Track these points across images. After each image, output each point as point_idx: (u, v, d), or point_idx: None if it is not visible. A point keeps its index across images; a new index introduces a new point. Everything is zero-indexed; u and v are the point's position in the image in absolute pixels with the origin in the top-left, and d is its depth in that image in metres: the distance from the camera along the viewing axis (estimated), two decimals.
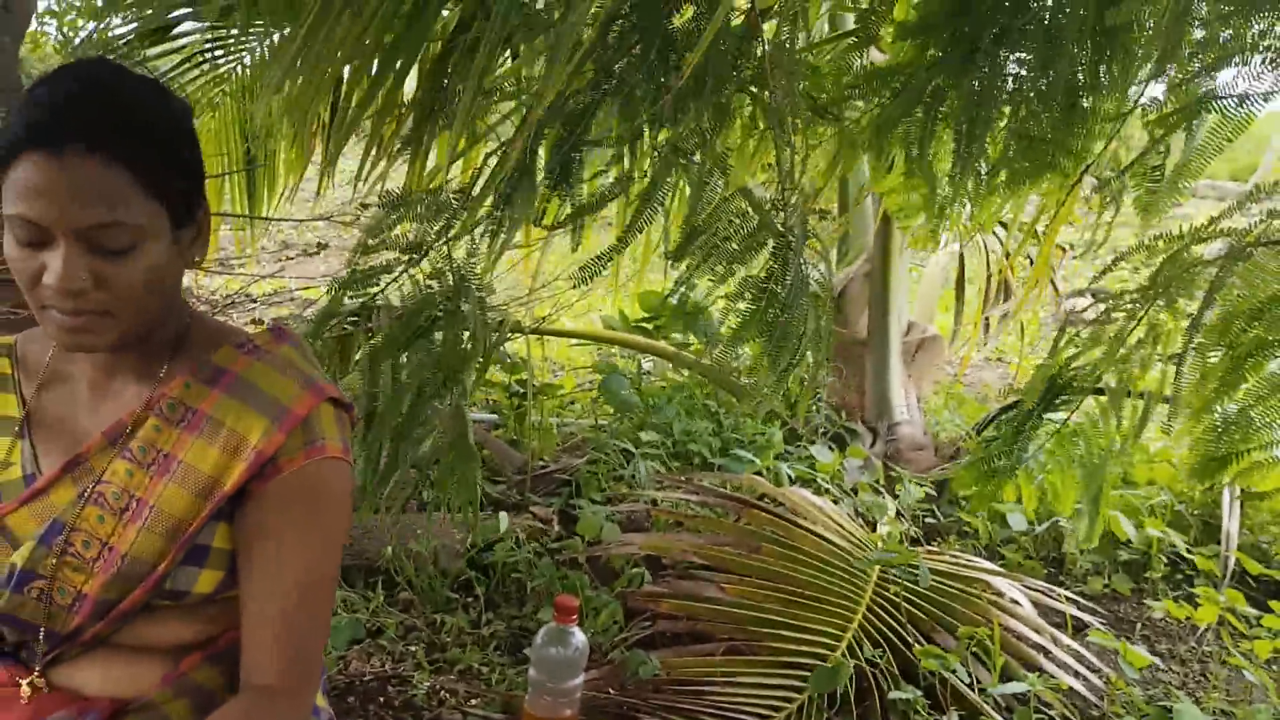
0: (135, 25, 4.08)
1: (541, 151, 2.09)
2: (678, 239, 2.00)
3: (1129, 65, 1.52)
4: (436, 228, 2.18)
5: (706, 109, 1.92)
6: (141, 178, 1.12)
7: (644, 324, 3.92)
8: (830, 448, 3.41)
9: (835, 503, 2.93)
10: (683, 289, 2.06)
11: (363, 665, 2.29)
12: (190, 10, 4.07)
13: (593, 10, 1.76)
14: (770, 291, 1.86)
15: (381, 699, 2.17)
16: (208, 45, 4.22)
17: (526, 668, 2.28)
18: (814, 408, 3.59)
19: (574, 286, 1.90)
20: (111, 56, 4.04)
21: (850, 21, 2.45)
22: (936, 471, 3.43)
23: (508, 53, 2.53)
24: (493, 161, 2.11)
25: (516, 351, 3.92)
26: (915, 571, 2.43)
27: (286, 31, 3.67)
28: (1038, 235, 4.69)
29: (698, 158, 2.00)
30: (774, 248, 1.95)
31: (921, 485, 3.29)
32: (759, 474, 3.15)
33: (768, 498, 2.75)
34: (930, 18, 1.53)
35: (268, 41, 4.19)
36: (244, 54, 4.18)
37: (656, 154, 2.03)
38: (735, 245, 1.99)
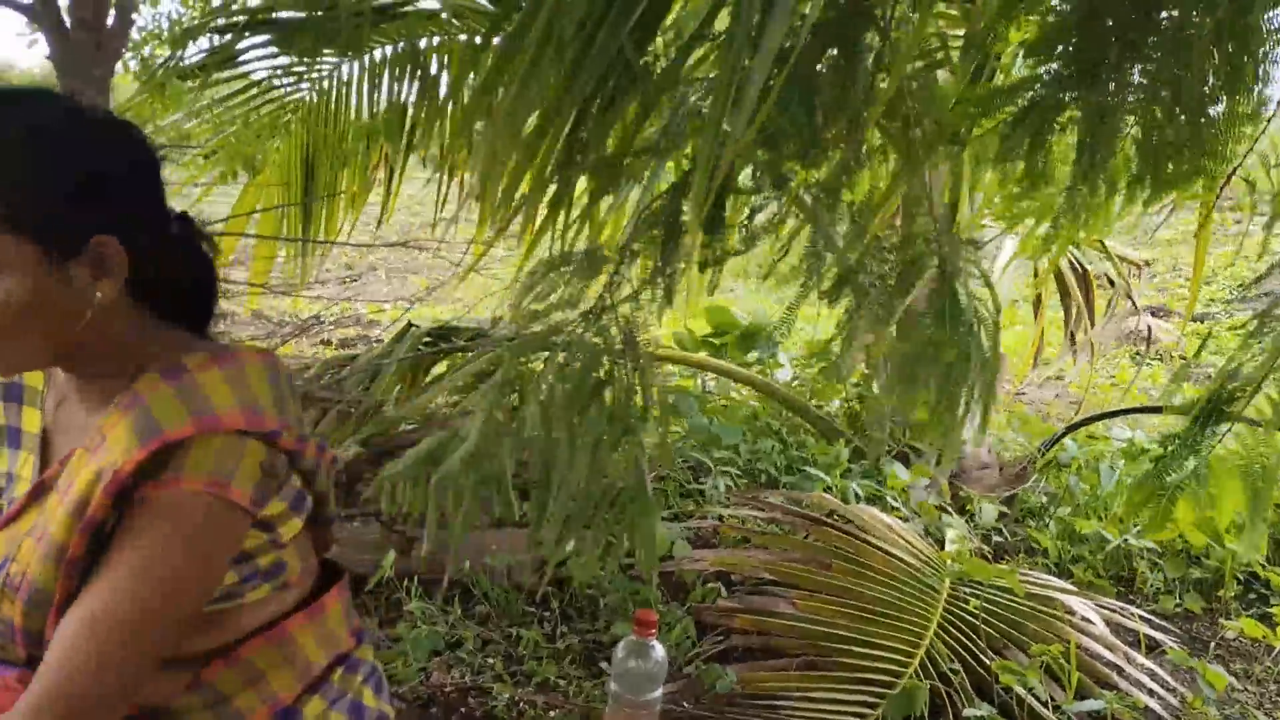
0: (205, 54, 4.23)
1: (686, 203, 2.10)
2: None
3: (1265, 68, 1.50)
4: (600, 284, 2.19)
5: (850, 148, 1.93)
6: None
7: (711, 339, 3.97)
8: (895, 467, 3.42)
9: (904, 521, 2.95)
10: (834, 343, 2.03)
11: (443, 677, 2.35)
12: (259, 40, 4.21)
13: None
14: (935, 322, 1.85)
15: (463, 709, 2.23)
16: (274, 73, 4.35)
17: (603, 681, 2.34)
18: (880, 426, 3.61)
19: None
20: (186, 84, 4.19)
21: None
22: (1005, 490, 3.43)
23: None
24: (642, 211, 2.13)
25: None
26: (989, 588, 2.44)
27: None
28: (1105, 250, 4.67)
29: (845, 196, 2.00)
30: (936, 277, 1.94)
31: (992, 503, 3.30)
32: (827, 491, 3.18)
33: (836, 514, 2.78)
34: (1053, 37, 1.54)
35: (337, 72, 4.32)
36: (311, 83, 4.31)
37: (804, 196, 2.03)
38: (892, 282, 1.99)
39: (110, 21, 3.05)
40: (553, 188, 2.26)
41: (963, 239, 2.04)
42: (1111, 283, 4.84)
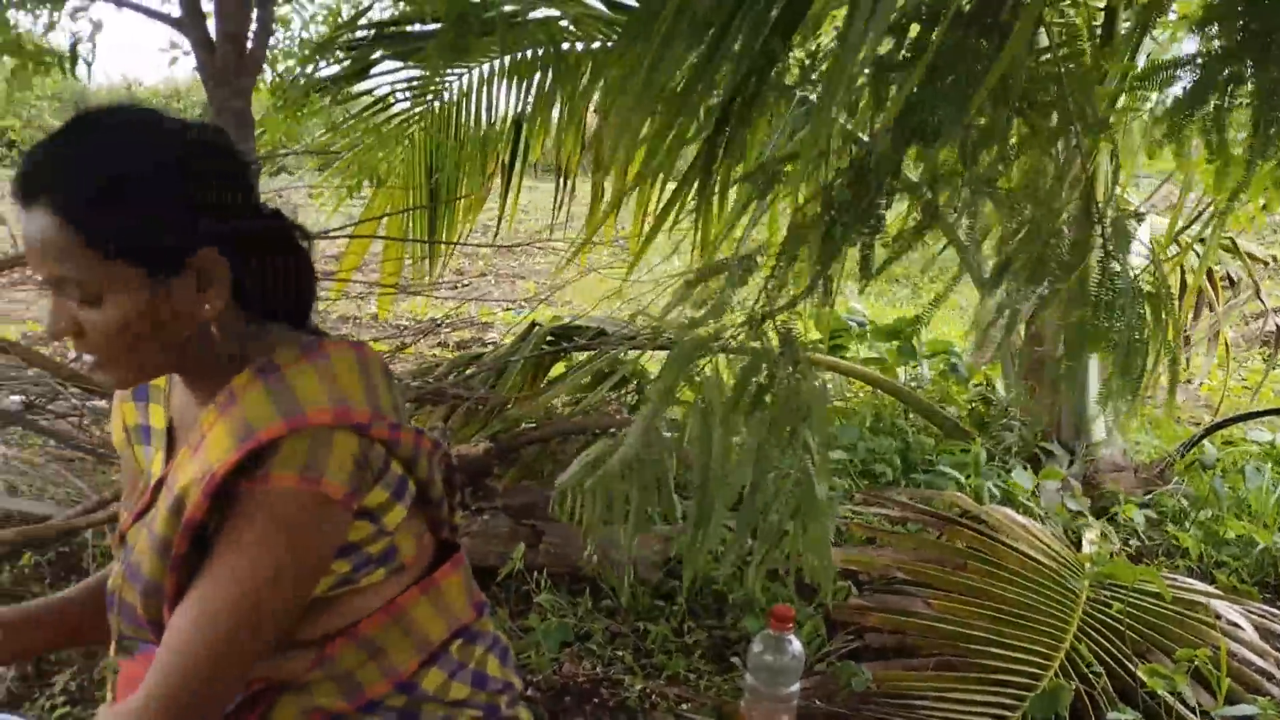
0: (339, 68, 4.37)
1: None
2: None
3: None
4: (753, 291, 2.20)
5: (1005, 135, 1.90)
6: (87, 236, 1.12)
7: (819, 345, 3.95)
8: (1025, 468, 3.35)
9: (1039, 522, 2.89)
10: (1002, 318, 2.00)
11: (574, 668, 2.38)
12: (387, 53, 4.33)
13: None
14: (1101, 301, 1.81)
15: (595, 700, 2.25)
16: (400, 85, 4.48)
17: (733, 676, 2.34)
18: (1008, 428, 3.54)
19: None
20: (320, 96, 4.33)
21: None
22: (1141, 493, 3.32)
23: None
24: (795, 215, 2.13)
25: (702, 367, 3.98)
26: (1131, 591, 2.37)
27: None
28: (1235, 247, 4.50)
29: (1001, 185, 1.98)
30: (1100, 258, 1.90)
31: (1134, 505, 3.21)
32: (958, 490, 3.13)
33: (969, 515, 2.73)
34: (1218, 13, 1.50)
35: (460, 82, 4.41)
36: (433, 93, 4.42)
37: (961, 187, 2.00)
38: (1055, 265, 1.96)
39: (251, 35, 3.18)
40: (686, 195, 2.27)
41: (1122, 217, 1.98)
42: (1233, 282, 4.66)
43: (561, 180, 4.50)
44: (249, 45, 3.13)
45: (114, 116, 1.17)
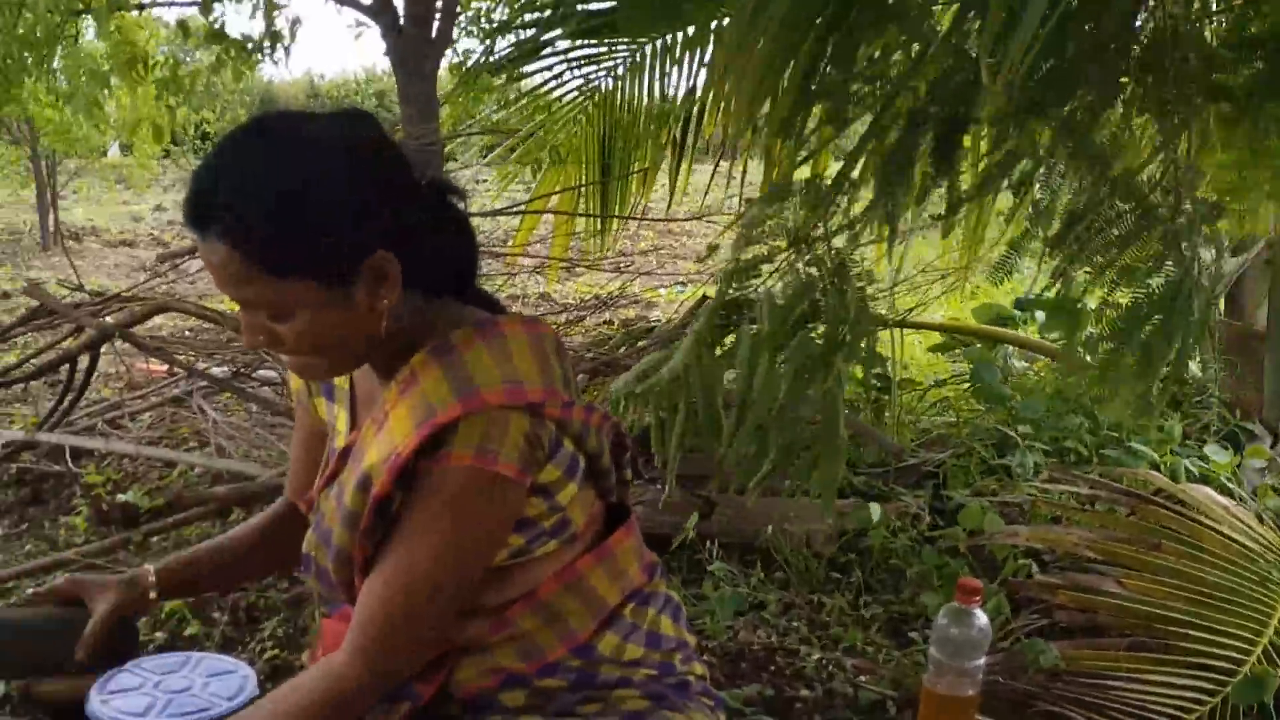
0: (514, 47, 4.46)
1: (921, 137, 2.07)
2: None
3: None
4: (816, 217, 2.20)
5: (1094, 88, 1.84)
6: (262, 262, 1.16)
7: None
8: (1224, 447, 3.17)
9: (1239, 502, 2.73)
10: (1055, 284, 1.97)
11: (749, 636, 2.39)
12: (564, 30, 4.39)
13: None
14: (1153, 283, 1.75)
15: (772, 668, 2.26)
16: (577, 60, 4.53)
17: (912, 650, 2.31)
18: (1205, 405, 3.36)
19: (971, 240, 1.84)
20: (496, 76, 4.44)
21: None
22: None
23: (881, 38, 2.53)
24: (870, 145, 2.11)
25: (876, 345, 3.92)
26: None
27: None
28: None
29: (1085, 139, 1.92)
30: (1162, 236, 1.84)
31: None
32: (1153, 469, 2.99)
33: (1164, 493, 2.61)
34: None
35: (634, 56, 4.44)
36: (613, 66, 4.46)
37: (1043, 133, 1.95)
38: (1117, 232, 1.89)
39: (437, 18, 3.29)
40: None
41: (1203, 199, 1.88)
42: None
43: (727, 157, 4.48)
44: (435, 27, 3.24)
45: (275, 131, 1.20)
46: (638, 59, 4.32)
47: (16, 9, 4.73)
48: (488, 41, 4.41)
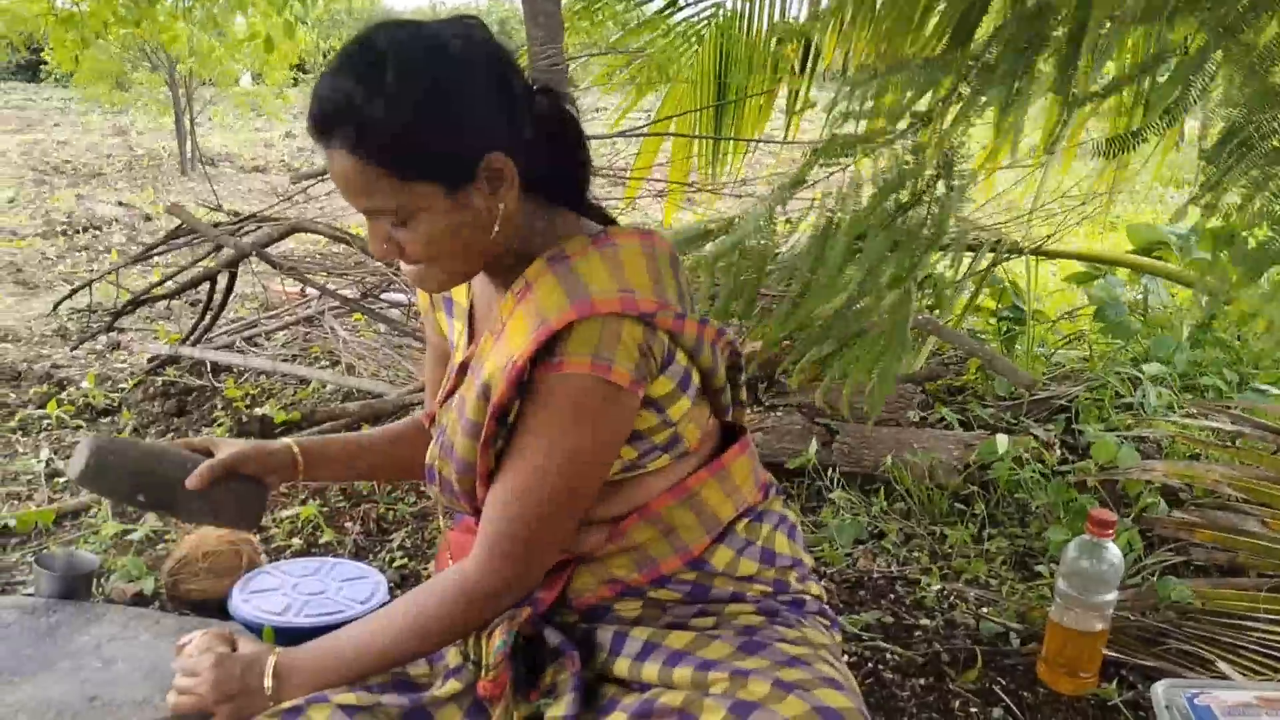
0: None
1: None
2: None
3: None
4: (927, 99, 2.05)
5: None
6: (386, 169, 1.17)
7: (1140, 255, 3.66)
8: None
9: None
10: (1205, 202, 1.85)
11: (869, 564, 2.38)
12: None
13: None
14: None
15: (892, 596, 2.24)
16: None
17: (1037, 584, 2.26)
18: None
19: (1109, 154, 1.73)
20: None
21: None
22: None
23: None
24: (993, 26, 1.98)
25: (1008, 275, 3.80)
26: None
27: None
28: None
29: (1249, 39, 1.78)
30: None
31: None
32: None
33: None
34: None
35: None
36: None
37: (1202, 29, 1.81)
38: (1277, 144, 1.76)
39: None
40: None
41: None
42: None
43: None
44: None
45: (393, 38, 1.20)
46: None
47: None
48: None
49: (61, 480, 2.66)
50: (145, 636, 1.69)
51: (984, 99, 1.89)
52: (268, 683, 1.38)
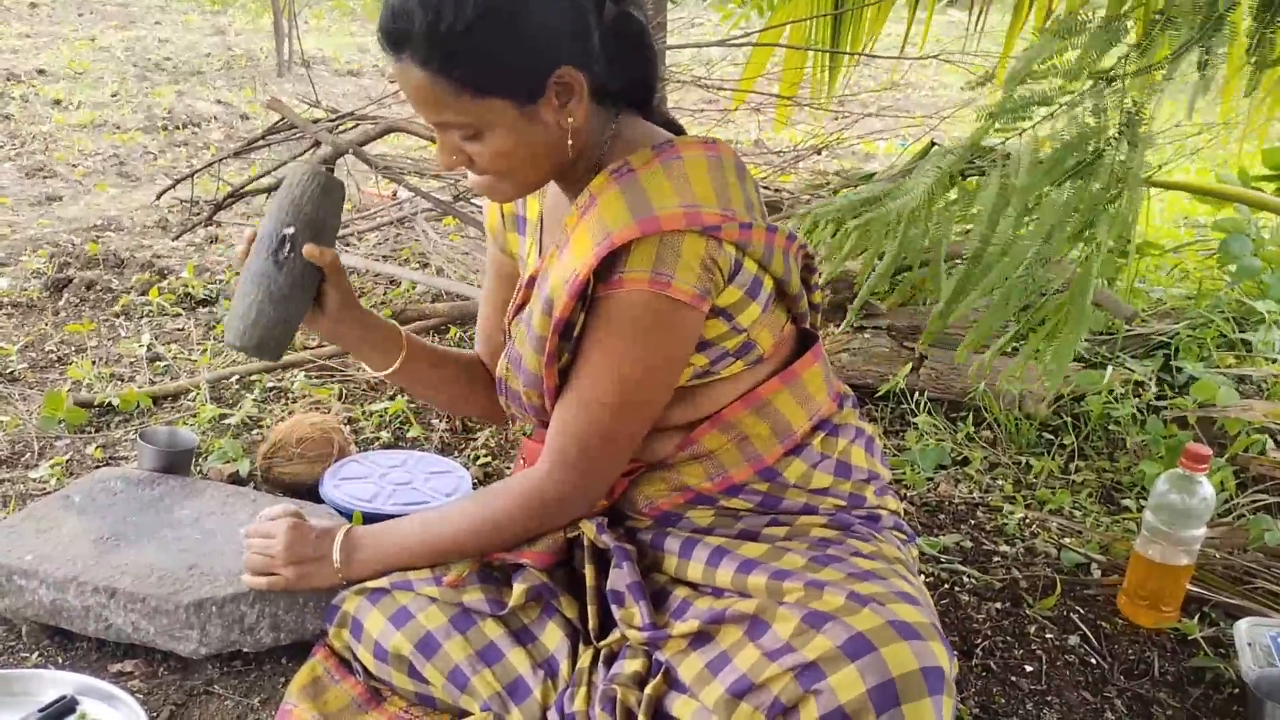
0: None
1: None
2: None
3: None
4: (1110, 57, 1.98)
5: None
6: (457, 84, 1.18)
7: (1267, 182, 3.48)
8: None
9: None
10: None
11: (950, 489, 2.36)
12: None
13: None
14: None
15: (972, 521, 2.22)
16: None
17: (1123, 517, 2.22)
18: None
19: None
20: None
21: None
22: None
23: None
24: None
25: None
26: None
27: None
28: None
29: None
30: None
31: None
32: None
33: None
34: None
35: None
36: None
37: None
38: None
39: None
40: None
41: None
42: None
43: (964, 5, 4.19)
44: None
45: None
46: None
47: None
48: None
49: (161, 364, 2.75)
50: (242, 514, 1.76)
51: (1174, 60, 1.82)
52: (337, 554, 1.44)
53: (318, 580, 1.45)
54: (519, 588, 1.39)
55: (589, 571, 1.40)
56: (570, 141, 1.29)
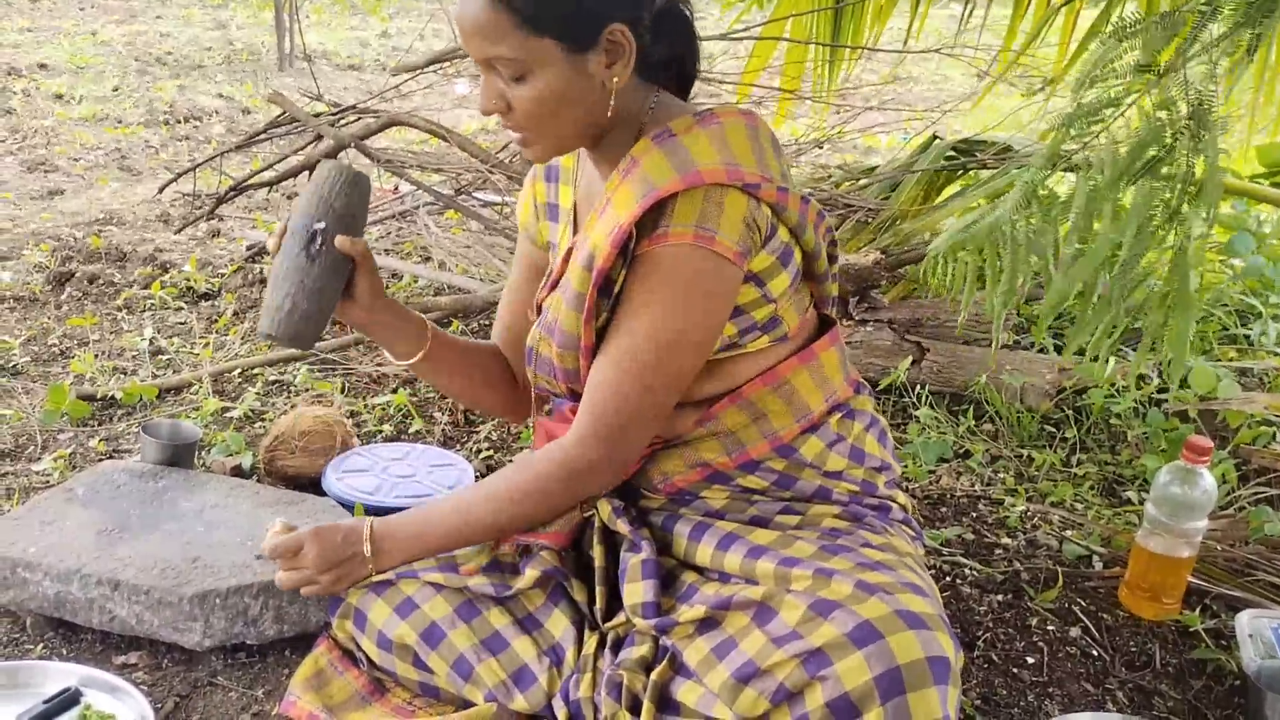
0: None
1: None
2: None
3: None
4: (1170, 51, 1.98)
5: None
6: (516, 17, 1.19)
7: (1261, 180, 3.48)
8: None
9: None
10: None
11: (952, 482, 2.36)
12: None
13: None
14: None
15: (974, 514, 2.23)
16: None
17: (1125, 510, 2.23)
18: None
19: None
20: None
21: None
22: None
23: None
24: None
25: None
26: None
27: None
28: None
29: None
30: None
31: None
32: None
33: None
34: None
35: None
36: None
37: None
38: None
39: None
40: None
41: None
42: None
43: None
44: None
45: None
46: None
47: None
48: None
49: (164, 358, 2.76)
50: (245, 506, 1.76)
51: (1221, 44, 1.82)
52: (366, 549, 1.44)
53: (354, 578, 1.45)
54: (531, 573, 1.40)
55: (598, 552, 1.40)
56: (611, 103, 1.30)
